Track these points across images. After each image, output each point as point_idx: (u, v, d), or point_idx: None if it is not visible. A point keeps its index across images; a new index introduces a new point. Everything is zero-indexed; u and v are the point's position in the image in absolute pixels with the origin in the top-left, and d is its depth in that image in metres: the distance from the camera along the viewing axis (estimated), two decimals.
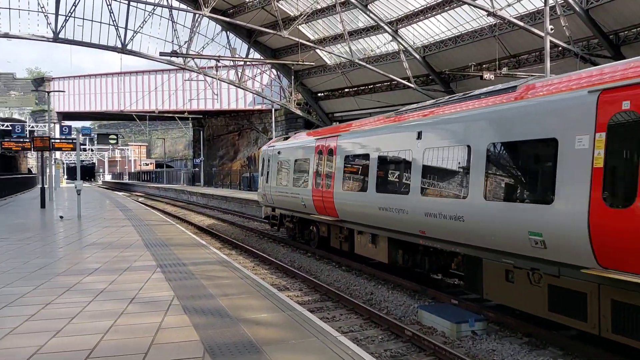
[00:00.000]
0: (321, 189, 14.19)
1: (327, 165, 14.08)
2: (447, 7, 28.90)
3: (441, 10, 29.42)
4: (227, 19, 36.51)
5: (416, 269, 11.18)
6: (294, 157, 16.60)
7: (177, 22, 38.12)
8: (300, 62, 34.04)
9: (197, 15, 35.29)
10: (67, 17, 35.49)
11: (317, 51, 38.06)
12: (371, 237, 12.13)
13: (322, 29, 38.05)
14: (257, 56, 43.00)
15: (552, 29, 18.79)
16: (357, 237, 12.90)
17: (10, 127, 52.09)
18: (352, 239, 13.30)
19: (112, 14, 35.66)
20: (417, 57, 32.44)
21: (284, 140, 18.75)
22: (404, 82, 33.71)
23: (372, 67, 34.40)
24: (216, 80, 41.43)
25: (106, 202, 33.34)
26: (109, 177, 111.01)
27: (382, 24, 31.90)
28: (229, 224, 24.97)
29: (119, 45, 36.46)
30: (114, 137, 34.50)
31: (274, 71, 47.28)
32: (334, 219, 13.74)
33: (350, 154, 12.91)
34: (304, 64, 34.85)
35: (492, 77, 24.15)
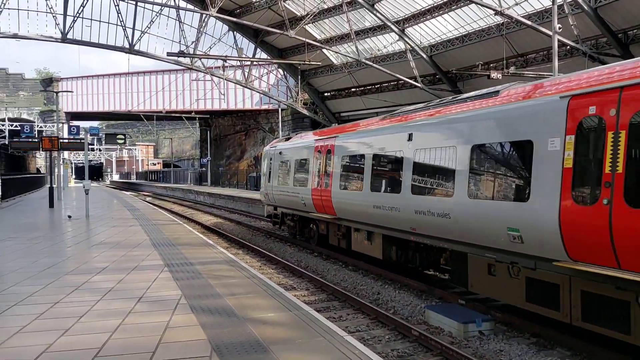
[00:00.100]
0: (320, 188, 14.60)
1: (325, 165, 14.49)
2: (454, 6, 28.80)
3: (448, 9, 29.32)
4: (234, 19, 36.60)
5: (409, 265, 11.56)
6: (294, 158, 17.02)
7: (184, 23, 38.29)
8: (306, 62, 34.09)
9: (204, 15, 35.39)
10: (75, 18, 35.72)
11: (324, 51, 38.05)
12: (367, 234, 12.52)
13: (328, 29, 38.05)
14: (264, 56, 43.06)
15: (560, 28, 18.68)
16: (354, 234, 13.31)
17: (19, 127, 52.52)
18: (349, 236, 13.69)
19: (119, 15, 35.84)
20: (424, 56, 32.36)
21: (285, 140, 19.16)
22: (411, 81, 33.64)
23: (379, 67, 34.35)
24: (223, 80, 41.54)
25: (114, 202, 33.51)
26: (116, 177, 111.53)
27: (388, 23, 31.85)
28: (236, 224, 25.03)
29: (127, 45, 36.64)
30: (122, 137, 34.67)
31: (281, 71, 47.32)
32: (332, 217, 14.15)
33: (347, 155, 13.33)
34: (311, 63, 34.89)
35: (500, 77, 24.04)
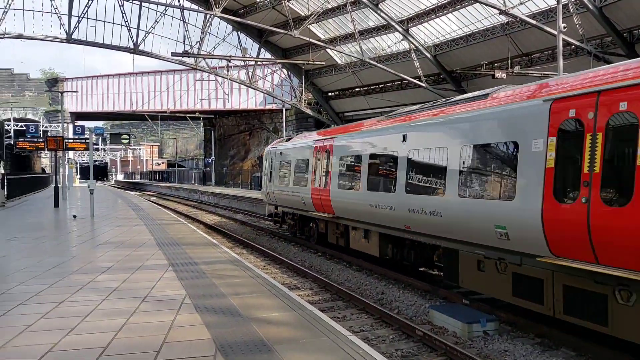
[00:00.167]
0: (319, 187, 14.97)
1: (324, 165, 14.88)
2: (459, 6, 28.75)
3: (452, 9, 29.27)
4: (238, 19, 36.64)
5: (404, 262, 11.89)
6: (294, 158, 17.42)
7: (188, 23, 38.40)
8: (310, 62, 34.08)
9: (208, 15, 35.46)
10: (80, 18, 35.86)
11: (328, 51, 38.05)
12: (364, 232, 12.88)
13: (332, 29, 38.04)
14: (268, 56, 43.10)
15: (565, 27, 18.61)
16: (351, 232, 13.65)
17: (24, 127, 52.77)
18: (347, 234, 14.03)
19: (124, 15, 35.95)
20: (428, 56, 32.31)
21: (286, 141, 19.55)
22: (415, 81, 33.60)
23: (383, 67, 34.33)
24: (227, 80, 41.61)
25: (118, 202, 33.61)
26: (121, 177, 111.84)
27: (393, 23, 31.82)
28: (240, 223, 25.06)
29: (131, 45, 36.76)
30: (126, 137, 34.74)
31: (285, 71, 47.34)
32: (331, 216, 14.54)
33: (344, 155, 13.71)
34: (315, 63, 34.88)
35: (504, 76, 23.98)
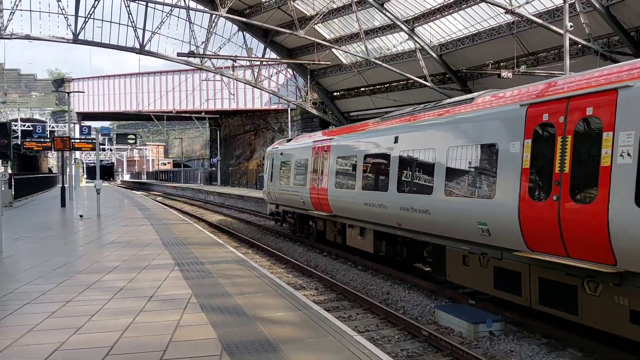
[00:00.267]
0: (317, 187, 15.54)
1: (322, 165, 15.43)
2: (464, 5, 28.65)
3: (458, 8, 29.18)
4: (244, 19, 36.69)
5: (397, 258, 12.45)
6: (294, 158, 18.01)
7: (194, 23, 38.43)
8: (316, 62, 34.08)
9: (213, 15, 35.51)
10: (87, 19, 36.00)
11: (333, 50, 38.03)
12: (360, 230, 13.47)
13: (338, 28, 38.02)
14: (273, 56, 43.12)
15: (571, 26, 18.53)
16: (348, 230, 14.25)
17: (31, 128, 53.08)
18: (344, 232, 14.60)
19: (130, 16, 36.07)
20: (434, 55, 32.24)
21: (286, 142, 20.08)
22: (421, 80, 33.52)
23: (388, 66, 34.27)
24: (233, 80, 41.66)
25: (125, 202, 33.73)
26: (127, 177, 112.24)
27: (398, 22, 31.76)
28: (246, 223, 25.11)
29: (137, 46, 36.86)
30: (133, 137, 34.88)
31: (290, 71, 47.37)
32: (329, 215, 15.12)
33: (341, 156, 14.25)
34: (320, 63, 34.88)
35: (510, 75, 23.88)
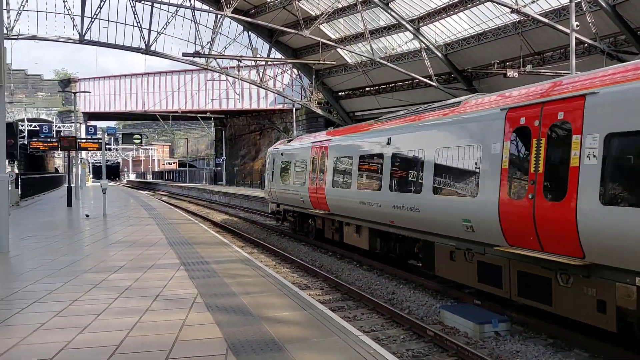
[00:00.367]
0: (316, 186, 16.08)
1: (320, 165, 15.96)
2: (470, 5, 28.58)
3: (464, 7, 29.10)
4: (249, 19, 36.73)
5: (391, 254, 12.93)
6: (294, 159, 18.52)
7: (199, 23, 38.55)
8: (321, 62, 34.07)
9: (219, 15, 35.58)
10: (93, 19, 36.17)
11: (338, 50, 38.01)
12: (356, 227, 14.00)
13: (343, 28, 38.00)
14: (279, 56, 43.16)
15: (577, 26, 18.44)
16: (345, 228, 14.77)
17: (38, 127, 53.31)
18: (341, 230, 15.10)
19: (136, 16, 36.20)
20: (439, 55, 32.17)
21: (287, 142, 20.51)
22: (426, 80, 33.46)
23: (394, 66, 34.23)
24: (238, 80, 41.72)
25: (130, 201, 33.85)
26: (133, 177, 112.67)
27: (403, 22, 31.72)
28: (251, 223, 25.14)
29: (143, 46, 37.00)
30: (138, 137, 35.08)
31: (295, 71, 47.38)
32: (327, 213, 15.64)
33: (338, 156, 14.79)
34: (325, 63, 34.87)
35: (516, 75, 23.81)
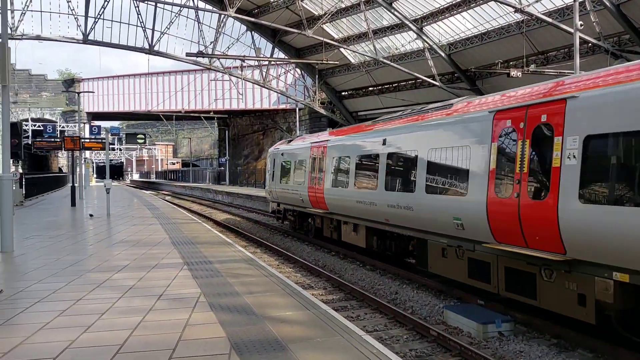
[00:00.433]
0: (315, 186, 16.44)
1: (319, 165, 16.32)
2: (473, 4, 28.54)
3: (467, 7, 29.07)
4: (252, 19, 36.76)
5: (387, 252, 13.24)
6: (294, 159, 18.92)
7: (202, 23, 38.61)
8: (324, 61, 34.07)
9: (222, 15, 35.62)
10: (96, 19, 36.25)
11: (341, 50, 38.01)
12: (353, 226, 14.34)
13: (346, 28, 37.99)
14: (282, 56, 43.18)
15: (581, 25, 18.39)
16: (343, 226, 15.09)
17: (41, 127, 53.52)
18: (339, 228, 15.40)
19: (139, 16, 36.27)
20: (443, 54, 32.13)
21: (287, 143, 20.84)
22: (429, 80, 33.43)
23: (397, 66, 34.20)
24: (241, 80, 41.76)
25: (134, 201, 33.92)
26: (136, 176, 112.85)
27: (406, 22, 31.69)
28: (254, 223, 25.17)
29: (146, 46, 37.07)
30: (142, 136, 35.07)
31: (298, 70, 47.40)
32: (325, 212, 15.99)
33: (336, 156, 15.13)
34: (328, 63, 34.88)
35: (520, 75, 23.75)
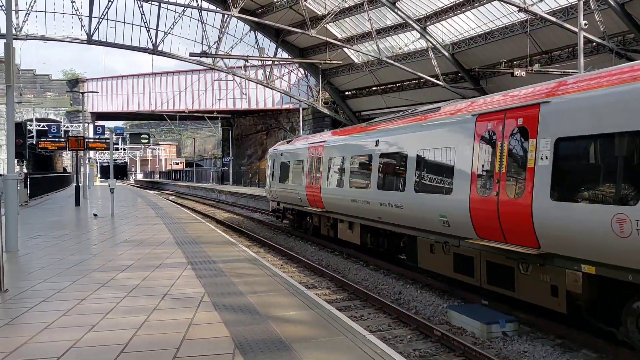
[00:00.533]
0: (312, 185, 16.95)
1: (316, 165, 16.80)
2: (477, 4, 28.50)
3: (470, 6, 29.02)
4: (256, 19, 36.80)
5: (380, 249, 13.77)
6: (292, 159, 19.41)
7: (206, 23, 38.70)
8: (327, 61, 34.07)
9: (226, 15, 35.68)
10: (100, 20, 36.38)
11: (345, 50, 38.00)
12: (349, 224, 14.78)
13: (349, 28, 37.99)
14: (285, 55, 43.21)
15: (586, 24, 18.33)
16: (339, 224, 15.58)
17: (46, 127, 53.65)
18: (336, 226, 15.89)
19: (143, 16, 36.37)
20: (446, 54, 32.09)
21: (287, 143, 21.41)
22: (433, 79, 33.40)
23: (400, 65, 34.18)
24: (245, 80, 41.82)
25: (138, 201, 33.98)
26: (140, 176, 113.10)
27: (410, 21, 31.66)
28: (257, 222, 25.19)
29: (150, 46, 37.17)
30: (146, 136, 35.16)
31: (302, 70, 47.42)
32: (322, 210, 16.49)
33: (333, 157, 15.63)
34: (332, 62, 34.86)
35: (524, 74, 23.70)
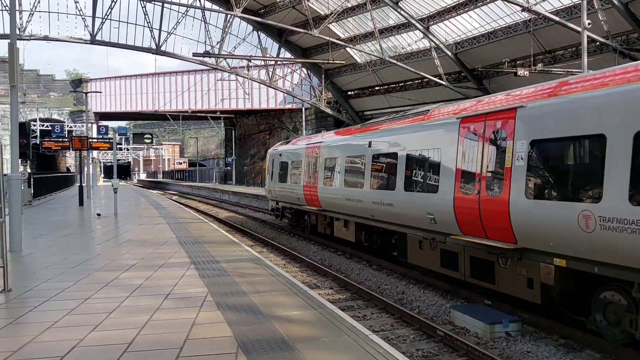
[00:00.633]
0: (309, 184, 17.40)
1: (314, 166, 17.24)
2: (480, 3, 28.44)
3: (474, 6, 28.96)
4: (258, 19, 36.83)
5: (373, 246, 14.17)
6: (291, 159, 19.89)
7: (209, 23, 38.72)
8: (330, 61, 34.08)
9: (228, 15, 35.71)
10: (104, 20, 36.45)
11: (348, 49, 37.99)
12: (344, 222, 15.31)
13: (352, 27, 37.96)
14: (288, 55, 43.21)
15: (589, 24, 18.27)
16: (335, 223, 16.09)
17: (49, 127, 53.83)
18: (332, 224, 16.38)
19: (146, 16, 36.43)
20: (449, 54, 32.04)
21: (286, 144, 21.92)
22: (436, 79, 33.36)
23: (403, 65, 34.14)
24: (247, 80, 41.84)
25: (141, 200, 34.04)
26: (143, 176, 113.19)
27: (413, 21, 31.63)
28: (260, 222, 25.21)
29: (154, 46, 37.21)
30: (149, 136, 35.19)
31: (305, 70, 47.41)
32: (319, 209, 16.98)
33: (329, 157, 16.13)
34: (335, 62, 34.87)
35: (527, 74, 23.65)
